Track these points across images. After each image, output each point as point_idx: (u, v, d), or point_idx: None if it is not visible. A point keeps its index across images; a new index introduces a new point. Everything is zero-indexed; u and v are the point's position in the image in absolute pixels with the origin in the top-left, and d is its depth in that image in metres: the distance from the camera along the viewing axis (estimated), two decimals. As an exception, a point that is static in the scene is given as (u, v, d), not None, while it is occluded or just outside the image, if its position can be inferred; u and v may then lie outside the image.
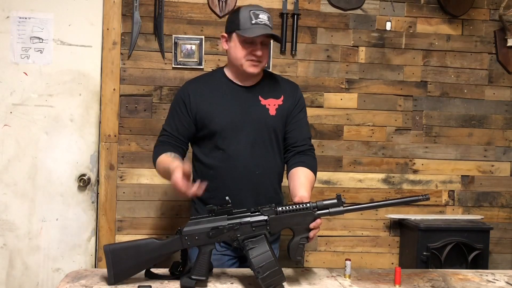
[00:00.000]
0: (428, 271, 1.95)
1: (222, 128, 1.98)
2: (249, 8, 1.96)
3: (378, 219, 2.94)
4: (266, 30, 1.93)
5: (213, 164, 2.01)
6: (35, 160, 2.72)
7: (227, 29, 2.02)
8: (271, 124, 2.02)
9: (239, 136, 1.98)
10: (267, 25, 1.94)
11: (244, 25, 1.92)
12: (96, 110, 2.76)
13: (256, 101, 2.03)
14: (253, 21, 1.92)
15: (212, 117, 1.99)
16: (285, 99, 2.07)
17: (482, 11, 2.99)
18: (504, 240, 3.05)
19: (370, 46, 2.91)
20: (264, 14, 1.95)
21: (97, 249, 2.76)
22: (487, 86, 3.01)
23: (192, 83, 2.11)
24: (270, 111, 2.02)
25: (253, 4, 2.06)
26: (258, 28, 1.91)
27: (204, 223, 1.63)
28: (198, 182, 1.75)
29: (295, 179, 1.93)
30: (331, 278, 1.78)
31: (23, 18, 2.68)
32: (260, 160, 2.00)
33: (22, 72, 2.70)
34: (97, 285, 1.62)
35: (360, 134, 2.92)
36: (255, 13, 1.93)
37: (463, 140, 3.00)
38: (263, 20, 1.94)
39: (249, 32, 1.91)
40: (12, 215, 2.71)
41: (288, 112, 2.07)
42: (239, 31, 1.93)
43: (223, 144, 1.98)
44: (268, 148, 2.03)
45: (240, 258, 2.04)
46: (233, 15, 2.00)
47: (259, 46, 1.95)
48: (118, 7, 2.71)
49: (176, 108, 2.06)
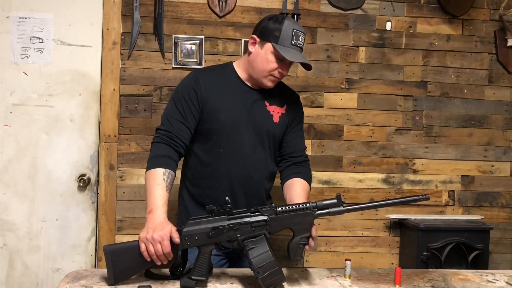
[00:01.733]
0: (428, 271, 1.95)
1: (226, 127, 1.93)
2: (293, 26, 1.90)
3: (378, 219, 2.94)
4: (302, 56, 1.94)
5: (211, 162, 1.96)
6: (35, 160, 2.72)
7: (262, 36, 1.93)
8: (273, 131, 2.01)
9: (241, 138, 1.95)
10: (302, 47, 1.94)
11: (283, 41, 1.88)
12: (96, 110, 2.76)
13: (262, 105, 2.00)
14: (293, 41, 1.89)
15: (219, 113, 1.93)
16: (288, 109, 2.06)
17: (482, 11, 2.99)
18: (504, 240, 3.05)
19: (370, 46, 2.91)
20: (303, 36, 1.94)
21: (97, 249, 2.76)
22: (487, 86, 3.01)
23: (203, 72, 2.04)
24: (274, 118, 2.01)
25: (295, 21, 2.00)
26: (295, 51, 1.90)
27: (204, 223, 1.63)
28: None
29: (291, 190, 1.95)
30: (331, 278, 1.78)
31: (23, 18, 2.68)
32: (259, 165, 1.99)
33: (22, 72, 2.70)
34: (97, 285, 1.61)
35: (360, 134, 2.92)
36: (297, 34, 1.90)
37: (463, 140, 3.00)
38: (301, 43, 1.92)
39: (288, 54, 1.87)
40: (12, 215, 2.71)
41: (289, 123, 2.06)
42: (277, 45, 1.88)
43: (224, 143, 1.94)
44: (266, 153, 2.01)
45: (230, 259, 2.04)
46: (274, 24, 1.91)
47: (287, 66, 1.94)
48: (118, 7, 2.71)
49: (184, 95, 1.93)
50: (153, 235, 1.58)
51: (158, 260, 1.61)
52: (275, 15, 1.99)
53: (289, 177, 2.01)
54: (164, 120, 1.92)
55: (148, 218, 1.68)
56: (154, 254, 1.59)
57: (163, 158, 1.82)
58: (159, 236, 1.58)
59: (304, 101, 2.84)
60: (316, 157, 2.87)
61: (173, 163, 1.84)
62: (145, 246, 1.59)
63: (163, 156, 1.83)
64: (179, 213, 2.08)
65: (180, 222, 2.02)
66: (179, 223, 2.02)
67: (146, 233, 1.60)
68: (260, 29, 1.95)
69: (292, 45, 1.89)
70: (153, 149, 1.88)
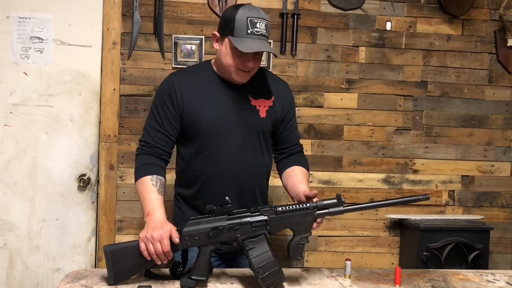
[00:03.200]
0: (428, 271, 1.95)
1: (209, 129, 1.86)
2: (247, 14, 1.77)
3: (378, 219, 2.94)
4: (262, 44, 1.78)
5: (199, 166, 1.91)
6: (35, 160, 2.72)
7: (220, 30, 1.85)
8: (261, 127, 1.93)
9: (227, 138, 1.88)
10: (264, 35, 1.79)
11: (238, 33, 1.76)
12: (96, 110, 2.76)
13: (246, 101, 1.91)
14: (249, 30, 1.76)
15: (200, 116, 1.86)
16: (276, 101, 1.96)
17: (482, 11, 2.99)
18: (504, 240, 3.05)
19: (370, 46, 2.91)
20: (262, 22, 1.78)
21: (97, 249, 2.76)
22: (487, 86, 3.01)
23: (178, 75, 1.94)
24: (260, 113, 1.92)
25: (252, 7, 1.82)
26: (253, 41, 1.76)
27: (204, 223, 1.63)
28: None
29: (292, 177, 1.92)
30: (331, 278, 1.78)
31: (23, 18, 2.68)
32: (248, 163, 1.91)
33: (22, 72, 2.70)
34: (97, 285, 1.61)
35: (360, 134, 2.92)
36: (252, 21, 1.76)
37: (463, 140, 3.00)
38: (259, 30, 1.77)
39: (243, 45, 1.75)
40: (12, 215, 2.71)
41: (282, 116, 1.98)
42: (232, 38, 1.78)
43: (210, 146, 1.88)
44: (256, 150, 1.94)
45: (226, 261, 2.00)
46: (229, 16, 1.80)
47: (251, 57, 1.81)
48: (118, 7, 2.71)
49: (160, 103, 1.88)
50: (153, 234, 1.58)
51: (158, 260, 1.61)
52: (233, 5, 1.86)
53: (287, 165, 1.99)
54: (144, 130, 1.92)
55: (147, 220, 1.69)
56: (154, 253, 1.59)
57: (148, 167, 1.82)
58: (159, 235, 1.58)
59: (304, 101, 2.85)
60: (316, 157, 2.87)
61: (159, 169, 1.83)
62: (145, 245, 1.59)
63: (147, 165, 1.83)
64: (174, 215, 2.06)
65: (175, 223, 1.95)
66: (174, 223, 1.98)
67: (146, 233, 1.60)
68: (219, 24, 1.88)
69: (248, 34, 1.76)
70: (137, 161, 1.88)
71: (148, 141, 1.88)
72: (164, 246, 1.58)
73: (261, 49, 1.78)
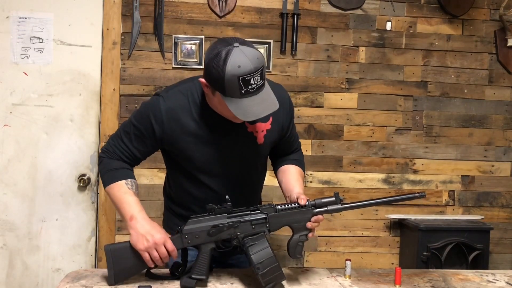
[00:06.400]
0: (428, 271, 1.94)
1: (201, 164, 1.73)
2: (237, 72, 1.48)
3: (378, 219, 2.94)
4: (261, 103, 1.55)
5: (193, 192, 1.80)
6: (35, 160, 2.72)
7: (209, 82, 1.57)
8: (259, 153, 1.81)
9: (221, 171, 1.75)
10: (260, 85, 1.53)
11: (231, 93, 1.51)
12: (96, 110, 2.76)
13: (241, 127, 1.71)
14: (243, 90, 1.50)
15: (189, 152, 1.71)
16: (274, 120, 1.77)
17: (482, 11, 2.99)
18: (504, 240, 3.04)
19: (370, 46, 2.91)
20: (256, 76, 1.50)
21: (97, 249, 2.76)
22: (487, 86, 3.01)
23: (168, 102, 1.68)
24: (258, 139, 1.75)
25: (241, 58, 1.49)
26: (251, 102, 1.53)
27: (204, 221, 1.63)
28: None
29: (287, 175, 1.87)
30: (331, 278, 1.78)
31: (23, 18, 2.69)
32: (246, 190, 1.83)
33: (22, 72, 2.70)
34: (97, 285, 1.61)
35: (360, 134, 2.92)
36: (245, 80, 1.49)
37: (463, 140, 3.00)
38: (254, 86, 1.51)
39: (240, 112, 1.53)
40: (12, 215, 2.71)
41: (280, 135, 1.83)
42: (225, 98, 1.53)
43: (204, 177, 1.76)
44: (253, 175, 1.85)
45: (219, 264, 1.92)
46: (215, 74, 1.51)
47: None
48: (118, 7, 2.71)
49: (140, 128, 1.69)
50: (154, 240, 1.57)
51: (162, 262, 1.61)
52: (217, 51, 1.52)
53: (282, 163, 1.93)
54: (115, 138, 1.75)
55: (131, 225, 1.62)
56: (159, 258, 1.59)
57: (118, 171, 1.72)
58: (160, 238, 1.58)
59: (304, 101, 2.85)
60: (316, 157, 2.87)
61: (130, 172, 1.74)
62: (149, 254, 1.58)
63: (116, 170, 1.72)
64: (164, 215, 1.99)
65: (168, 228, 1.87)
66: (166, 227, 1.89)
67: (144, 242, 1.57)
68: (206, 73, 1.58)
69: (243, 94, 1.51)
70: (103, 165, 1.74)
71: (115, 152, 1.74)
72: (168, 246, 1.59)
73: (262, 114, 1.56)
